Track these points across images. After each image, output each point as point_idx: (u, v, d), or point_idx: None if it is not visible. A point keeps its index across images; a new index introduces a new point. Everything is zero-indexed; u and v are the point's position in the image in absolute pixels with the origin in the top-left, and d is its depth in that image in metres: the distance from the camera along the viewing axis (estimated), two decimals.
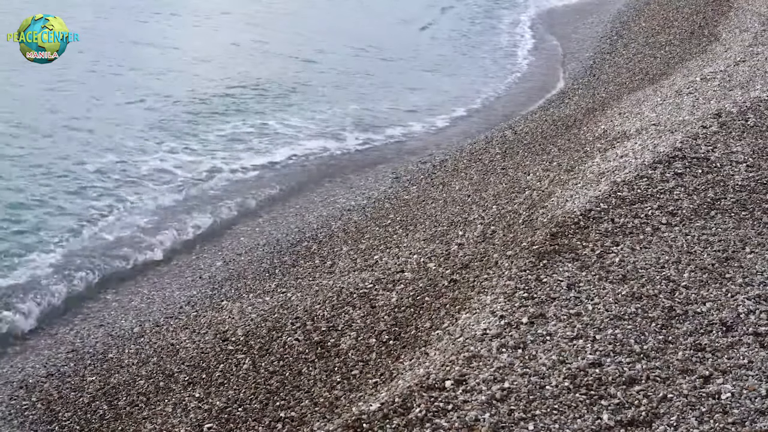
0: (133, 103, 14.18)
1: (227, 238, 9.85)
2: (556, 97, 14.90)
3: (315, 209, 10.46)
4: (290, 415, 5.69)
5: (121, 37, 18.06)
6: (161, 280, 8.86)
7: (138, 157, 11.94)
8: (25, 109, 13.26)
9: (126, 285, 8.80)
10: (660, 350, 5.01)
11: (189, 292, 8.41)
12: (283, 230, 9.81)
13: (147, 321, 7.87)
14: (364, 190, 10.91)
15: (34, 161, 11.40)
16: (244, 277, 8.54)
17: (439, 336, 5.73)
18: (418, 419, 4.50)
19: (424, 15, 22.91)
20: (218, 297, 8.16)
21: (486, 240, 7.49)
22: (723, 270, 5.95)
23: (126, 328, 7.76)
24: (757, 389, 4.63)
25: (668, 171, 7.61)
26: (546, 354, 4.96)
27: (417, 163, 11.83)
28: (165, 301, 8.29)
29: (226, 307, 7.82)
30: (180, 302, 8.19)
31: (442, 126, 14.28)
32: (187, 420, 6.08)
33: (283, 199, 11.06)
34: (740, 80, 10.75)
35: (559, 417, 4.44)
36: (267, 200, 11.00)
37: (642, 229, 6.59)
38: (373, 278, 7.42)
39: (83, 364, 7.17)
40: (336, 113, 14.36)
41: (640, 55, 15.99)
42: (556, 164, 9.46)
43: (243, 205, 10.79)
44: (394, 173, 11.44)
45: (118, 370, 6.99)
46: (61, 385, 6.89)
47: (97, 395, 6.68)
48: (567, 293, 5.64)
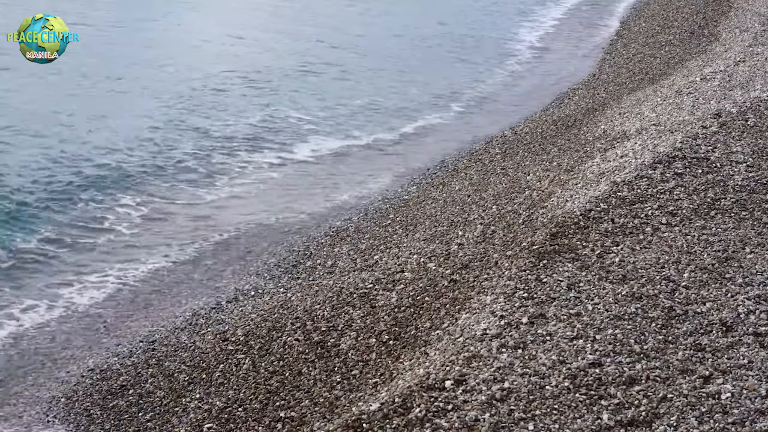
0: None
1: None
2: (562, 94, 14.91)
3: (315, 209, 10.47)
4: (290, 415, 5.68)
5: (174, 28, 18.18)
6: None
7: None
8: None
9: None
10: (660, 350, 5.01)
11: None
12: (283, 230, 9.81)
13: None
14: (365, 190, 10.91)
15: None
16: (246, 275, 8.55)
17: (439, 336, 5.73)
18: (418, 419, 4.50)
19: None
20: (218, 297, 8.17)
21: (486, 240, 7.49)
22: (723, 270, 5.95)
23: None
24: (757, 389, 4.62)
25: (668, 171, 7.61)
26: (546, 354, 4.96)
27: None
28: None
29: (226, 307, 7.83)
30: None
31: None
32: (187, 420, 6.08)
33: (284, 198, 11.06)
34: (740, 80, 10.75)
35: (559, 417, 4.44)
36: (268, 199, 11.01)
37: (642, 229, 6.59)
38: (373, 278, 7.42)
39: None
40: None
41: (640, 55, 15.99)
42: (556, 164, 9.46)
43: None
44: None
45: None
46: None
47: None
48: (567, 293, 5.64)
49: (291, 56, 17.70)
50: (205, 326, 7.46)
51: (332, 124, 13.87)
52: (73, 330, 7.89)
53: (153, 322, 7.84)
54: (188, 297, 8.32)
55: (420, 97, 15.61)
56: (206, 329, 7.39)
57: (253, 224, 10.19)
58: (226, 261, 9.15)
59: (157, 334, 7.51)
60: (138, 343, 7.39)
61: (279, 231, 9.83)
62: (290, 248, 9.13)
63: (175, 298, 8.38)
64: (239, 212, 10.57)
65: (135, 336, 7.58)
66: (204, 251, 9.52)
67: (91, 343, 7.62)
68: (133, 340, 7.48)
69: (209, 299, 8.12)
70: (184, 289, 8.54)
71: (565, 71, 17.34)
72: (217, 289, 8.37)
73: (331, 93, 15.38)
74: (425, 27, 21.24)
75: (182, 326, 7.55)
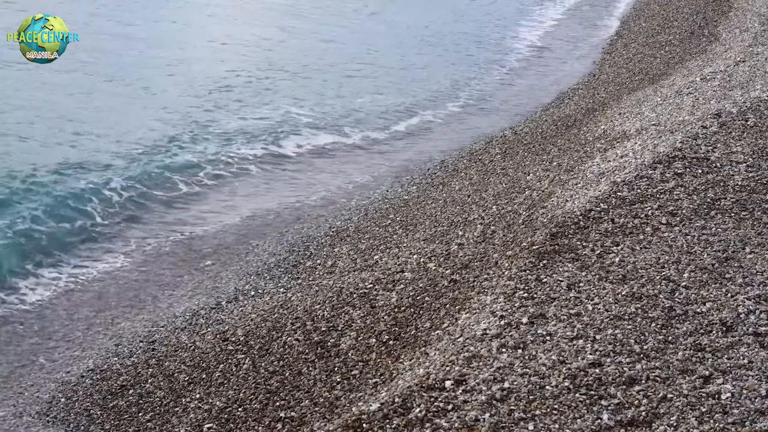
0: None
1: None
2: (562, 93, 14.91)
3: (315, 208, 10.47)
4: (290, 415, 5.69)
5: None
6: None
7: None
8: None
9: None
10: (660, 350, 5.01)
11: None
12: (283, 230, 9.81)
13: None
14: (365, 190, 10.92)
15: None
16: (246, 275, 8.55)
17: (439, 336, 5.73)
18: (418, 419, 4.50)
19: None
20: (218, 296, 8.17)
21: (486, 240, 7.49)
22: (723, 270, 5.95)
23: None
24: (757, 389, 4.63)
25: (668, 171, 7.61)
26: (546, 354, 4.96)
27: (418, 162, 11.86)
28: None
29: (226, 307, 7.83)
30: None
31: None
32: (187, 420, 6.08)
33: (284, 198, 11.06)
34: (740, 80, 10.75)
35: (559, 417, 4.44)
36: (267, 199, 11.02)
37: (642, 229, 6.59)
38: (373, 278, 7.42)
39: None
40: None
41: (640, 55, 15.99)
42: (556, 164, 9.46)
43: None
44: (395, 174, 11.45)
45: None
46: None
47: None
48: (567, 293, 5.64)
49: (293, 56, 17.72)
50: (205, 326, 7.46)
51: (332, 122, 13.87)
52: (73, 330, 7.90)
53: (153, 322, 7.84)
54: (188, 297, 8.32)
55: (420, 95, 15.62)
56: (206, 329, 7.39)
57: (253, 224, 10.20)
58: (226, 261, 9.15)
59: (157, 334, 7.51)
60: (138, 343, 7.38)
61: (279, 231, 9.83)
62: (290, 248, 9.13)
63: (174, 297, 8.38)
64: (239, 212, 10.58)
65: (135, 336, 7.57)
66: (204, 251, 9.53)
67: (90, 342, 7.62)
68: (133, 340, 7.48)
69: (209, 299, 8.11)
70: (184, 289, 8.54)
71: (565, 71, 17.35)
72: (217, 289, 8.37)
73: (331, 91, 15.39)
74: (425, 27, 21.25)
75: (182, 326, 7.55)
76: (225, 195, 11.14)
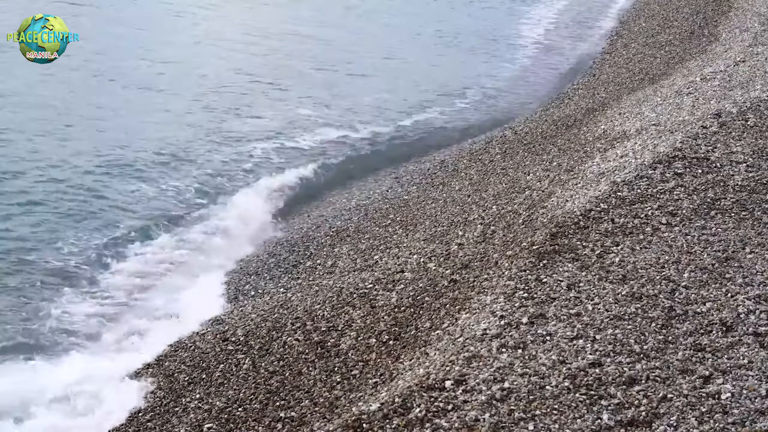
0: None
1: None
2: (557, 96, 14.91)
3: (315, 208, 10.47)
4: (290, 415, 5.69)
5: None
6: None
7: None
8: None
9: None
10: (660, 350, 5.01)
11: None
12: (283, 230, 9.81)
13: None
14: (365, 190, 10.91)
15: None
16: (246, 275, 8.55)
17: (439, 336, 5.73)
18: (418, 419, 4.50)
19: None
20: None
21: (486, 240, 7.49)
22: (723, 270, 5.95)
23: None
24: (757, 389, 4.63)
25: (668, 171, 7.60)
26: (546, 354, 4.96)
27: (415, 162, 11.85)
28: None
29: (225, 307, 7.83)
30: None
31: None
32: (187, 420, 6.08)
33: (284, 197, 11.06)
34: (740, 80, 10.74)
35: (559, 417, 4.44)
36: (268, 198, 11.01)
37: (642, 229, 6.58)
38: (373, 278, 7.42)
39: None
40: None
41: (640, 55, 15.99)
42: (556, 164, 9.46)
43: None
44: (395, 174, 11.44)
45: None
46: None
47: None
48: (567, 293, 5.64)
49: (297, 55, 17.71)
50: (205, 326, 7.47)
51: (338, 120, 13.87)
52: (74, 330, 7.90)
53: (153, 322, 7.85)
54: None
55: (421, 94, 15.61)
56: (206, 329, 7.39)
57: (253, 224, 10.20)
58: (226, 260, 9.15)
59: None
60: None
61: (279, 231, 9.83)
62: (290, 248, 9.13)
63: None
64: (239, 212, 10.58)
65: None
66: (204, 251, 9.53)
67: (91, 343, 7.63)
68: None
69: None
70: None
71: (565, 71, 17.34)
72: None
73: (337, 91, 15.39)
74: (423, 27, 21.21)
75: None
76: (224, 195, 11.13)
